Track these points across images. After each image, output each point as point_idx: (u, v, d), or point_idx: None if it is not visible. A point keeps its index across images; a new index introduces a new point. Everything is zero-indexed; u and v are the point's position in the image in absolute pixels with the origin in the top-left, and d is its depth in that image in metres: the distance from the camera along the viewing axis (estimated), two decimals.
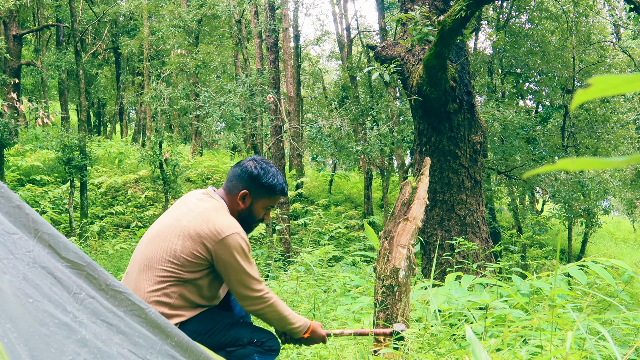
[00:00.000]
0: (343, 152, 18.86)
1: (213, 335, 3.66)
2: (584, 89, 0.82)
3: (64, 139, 18.87)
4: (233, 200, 3.65)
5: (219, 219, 3.47)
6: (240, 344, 3.70)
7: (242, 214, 3.67)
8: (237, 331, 3.72)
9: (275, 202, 3.73)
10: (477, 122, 9.33)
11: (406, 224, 4.08)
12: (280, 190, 3.69)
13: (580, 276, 4.78)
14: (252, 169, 3.64)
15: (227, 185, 3.68)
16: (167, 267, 3.48)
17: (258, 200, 3.66)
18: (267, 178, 3.64)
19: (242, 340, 3.70)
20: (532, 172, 0.91)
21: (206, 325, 3.66)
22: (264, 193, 3.65)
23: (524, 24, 18.58)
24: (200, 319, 3.64)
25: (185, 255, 3.45)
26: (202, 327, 3.63)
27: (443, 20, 7.66)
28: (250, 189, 3.63)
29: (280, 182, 3.69)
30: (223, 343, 3.68)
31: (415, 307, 4.94)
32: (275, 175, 3.67)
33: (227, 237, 3.40)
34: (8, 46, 22.31)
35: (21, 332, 1.96)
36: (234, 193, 3.64)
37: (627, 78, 0.80)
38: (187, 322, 3.58)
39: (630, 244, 28.56)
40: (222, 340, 3.68)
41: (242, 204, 3.64)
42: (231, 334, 3.70)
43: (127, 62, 32.23)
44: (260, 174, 3.63)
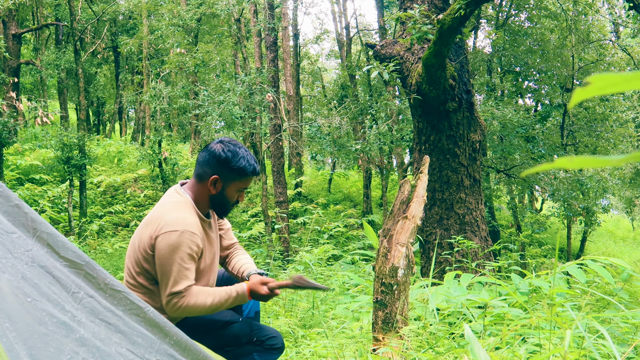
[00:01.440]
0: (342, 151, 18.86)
1: (210, 335, 3.65)
2: (583, 87, 0.81)
3: (63, 138, 18.87)
4: (204, 186, 3.58)
5: (170, 213, 3.43)
6: (238, 344, 3.68)
7: (215, 200, 3.61)
8: (235, 330, 3.69)
9: (247, 184, 3.66)
10: (476, 121, 9.33)
11: (405, 223, 4.08)
12: (252, 172, 3.59)
13: (579, 275, 4.79)
14: (220, 153, 3.54)
15: (197, 172, 3.61)
16: (138, 275, 3.49)
17: (230, 184, 3.58)
18: (237, 160, 3.54)
19: (240, 339, 3.68)
20: (531, 170, 0.91)
21: (202, 324, 3.65)
22: (235, 176, 3.56)
23: (523, 23, 18.59)
24: (197, 319, 3.64)
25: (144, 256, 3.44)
26: (197, 326, 3.63)
27: (442, 18, 7.66)
28: (220, 174, 3.54)
29: (250, 162, 3.58)
30: (220, 343, 3.66)
31: (414, 305, 4.94)
32: (244, 157, 3.56)
33: (168, 233, 3.35)
34: (7, 45, 22.29)
35: (20, 331, 1.96)
36: (205, 179, 3.57)
37: (625, 76, 0.80)
38: (183, 321, 3.59)
39: (629, 243, 28.55)
40: (219, 340, 3.67)
41: (214, 189, 3.56)
42: (229, 333, 3.68)
43: (127, 61, 32.22)
44: (229, 157, 3.53)
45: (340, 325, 5.19)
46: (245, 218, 21.48)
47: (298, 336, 5.16)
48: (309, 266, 8.43)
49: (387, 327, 3.85)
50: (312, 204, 23.77)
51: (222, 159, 3.53)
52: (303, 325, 5.89)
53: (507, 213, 25.03)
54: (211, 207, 3.66)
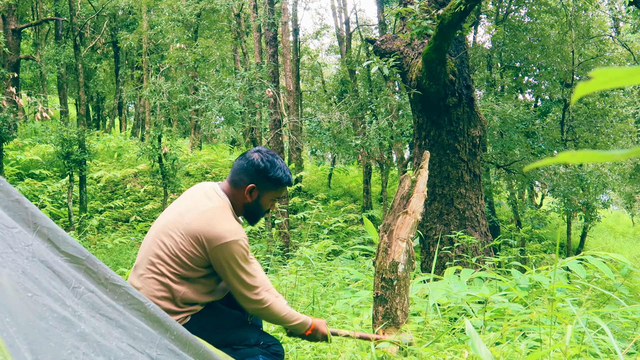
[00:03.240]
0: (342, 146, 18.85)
1: (221, 332, 3.69)
2: (585, 82, 0.81)
3: (63, 133, 18.87)
4: (239, 193, 3.62)
5: (221, 224, 3.45)
6: (247, 344, 3.72)
7: (249, 207, 3.66)
8: (246, 331, 3.75)
9: (281, 194, 3.74)
10: (476, 116, 9.33)
11: (405, 218, 4.08)
12: (287, 182, 3.67)
13: (580, 270, 4.78)
14: (259, 162, 3.60)
15: (233, 179, 3.64)
16: (171, 264, 3.48)
17: (265, 193, 3.63)
18: (275, 171, 3.60)
19: (249, 340, 3.72)
20: (532, 165, 0.91)
21: (216, 321, 3.69)
22: (271, 186, 3.63)
23: (523, 18, 18.57)
24: (210, 315, 3.68)
25: (187, 253, 3.45)
26: (211, 322, 3.67)
27: (442, 14, 7.65)
28: (257, 182, 3.59)
29: (286, 174, 3.66)
30: (230, 340, 3.71)
31: (414, 301, 4.94)
32: (281, 168, 3.64)
33: (226, 244, 3.40)
34: (7, 40, 22.28)
35: (20, 326, 1.96)
36: (241, 187, 3.61)
37: (628, 71, 0.80)
38: (197, 316, 3.61)
39: (629, 238, 28.57)
40: (229, 337, 3.71)
41: (250, 197, 3.61)
42: (239, 332, 3.74)
43: (126, 56, 32.19)
44: (268, 167, 3.59)
45: (341, 321, 5.19)
46: None
47: None
48: (309, 261, 8.43)
49: (387, 323, 3.85)
50: (312, 199, 23.78)
51: (261, 168, 3.59)
52: None
53: (507, 208, 25.05)
54: (244, 214, 3.72)
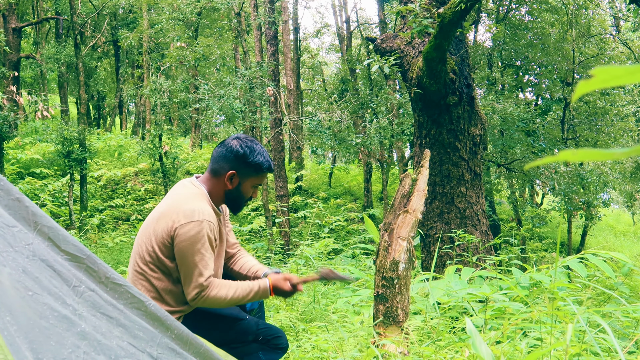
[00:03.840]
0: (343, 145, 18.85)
1: (217, 330, 3.67)
2: (586, 81, 0.81)
3: (64, 132, 18.87)
4: (220, 181, 3.62)
5: (188, 204, 3.46)
6: (244, 341, 3.69)
7: (231, 195, 3.66)
8: (242, 327, 3.71)
9: (262, 180, 3.71)
10: (476, 115, 9.33)
11: (406, 217, 4.08)
12: (267, 168, 3.65)
13: (580, 269, 4.79)
14: (237, 149, 3.59)
15: (213, 167, 3.64)
16: (151, 262, 3.50)
17: (246, 180, 3.62)
18: (254, 157, 3.59)
19: (246, 337, 3.69)
20: (533, 163, 0.91)
21: (211, 319, 3.68)
22: (251, 172, 3.61)
23: (524, 17, 18.56)
24: (204, 313, 3.66)
25: (161, 246, 3.45)
26: (206, 321, 3.66)
27: (443, 12, 7.65)
28: (237, 169, 3.59)
29: (266, 159, 3.64)
30: (227, 339, 3.67)
31: (415, 299, 4.95)
32: (261, 153, 3.62)
33: (187, 224, 3.37)
34: (7, 39, 22.27)
35: (21, 325, 1.96)
36: (221, 174, 3.61)
37: (629, 69, 0.80)
38: (190, 316, 3.61)
39: (630, 237, 28.59)
40: (226, 336, 3.68)
41: (230, 184, 3.61)
42: (236, 330, 3.70)
43: (127, 55, 32.19)
44: (247, 153, 3.58)
45: (341, 319, 5.20)
46: (246, 212, 21.49)
47: (299, 330, 5.17)
48: (310, 260, 8.44)
49: (388, 321, 3.85)
50: (313, 198, 23.78)
51: (240, 154, 3.58)
52: (304, 319, 5.89)
53: (507, 207, 25.04)
54: (226, 202, 3.72)
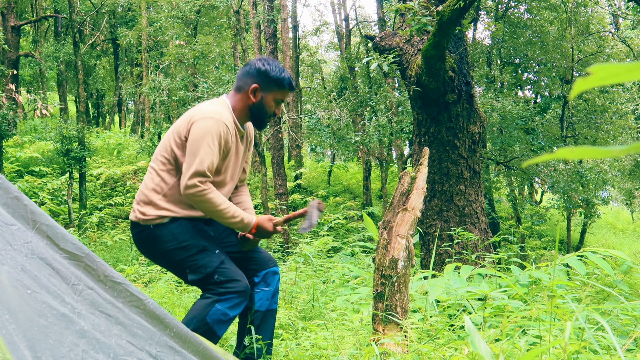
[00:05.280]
0: (342, 143, 18.86)
1: (184, 249, 3.79)
2: (584, 78, 0.81)
3: (63, 130, 18.87)
4: (244, 96, 3.89)
5: (209, 106, 3.78)
6: (201, 272, 3.78)
7: (254, 108, 3.91)
8: (205, 258, 3.79)
9: (284, 96, 3.95)
10: (475, 113, 9.32)
11: (405, 214, 4.08)
12: (289, 84, 3.90)
13: (579, 267, 4.79)
14: (259, 66, 3.86)
15: (238, 84, 3.92)
16: (164, 156, 3.80)
17: (268, 93, 3.89)
18: (275, 72, 3.86)
19: (205, 268, 3.78)
20: (531, 160, 0.91)
21: (185, 235, 3.81)
22: (273, 86, 3.88)
23: (523, 14, 18.56)
24: (183, 227, 3.81)
25: (179, 141, 3.74)
26: (180, 234, 3.80)
27: (442, 10, 7.65)
28: (259, 83, 3.86)
29: (287, 76, 3.91)
30: (187, 261, 3.80)
31: (414, 297, 4.95)
32: (282, 70, 3.90)
33: (204, 119, 3.67)
34: (6, 37, 22.25)
35: (20, 323, 1.96)
36: (245, 89, 3.87)
37: (627, 67, 0.80)
38: (173, 222, 3.80)
39: (629, 235, 28.58)
40: (189, 259, 3.79)
41: (254, 97, 3.87)
42: (199, 257, 3.79)
43: (126, 53, 32.16)
44: (268, 69, 3.85)
45: (341, 317, 5.20)
46: None
47: (298, 328, 5.17)
48: (309, 258, 8.44)
49: (387, 319, 3.86)
50: (312, 196, 23.77)
51: (262, 70, 3.86)
52: (303, 317, 5.90)
53: (506, 205, 25.05)
54: (250, 117, 3.96)
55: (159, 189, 3.78)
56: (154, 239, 3.82)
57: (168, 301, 6.73)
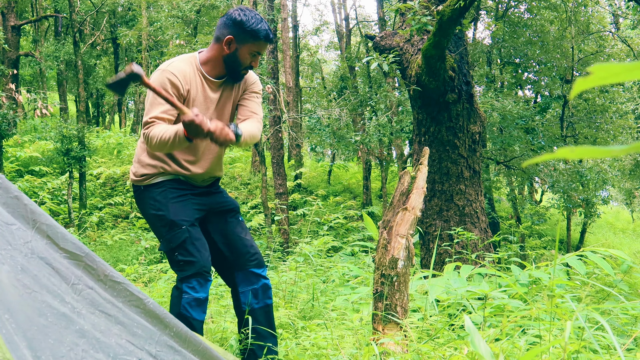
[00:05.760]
0: (342, 143, 18.87)
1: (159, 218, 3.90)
2: (584, 77, 0.81)
3: (63, 130, 18.86)
4: (219, 46, 3.87)
5: (168, 61, 3.87)
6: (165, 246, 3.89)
7: (228, 60, 3.88)
8: (171, 232, 3.86)
9: (260, 48, 3.88)
10: (476, 112, 9.32)
11: (405, 214, 4.08)
12: (265, 36, 3.82)
13: (579, 266, 4.79)
14: (235, 16, 3.80)
15: (216, 34, 3.91)
16: None
17: (242, 45, 3.83)
18: (250, 23, 3.78)
19: (169, 243, 3.86)
20: (531, 160, 0.91)
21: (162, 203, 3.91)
22: (248, 38, 3.80)
23: (523, 14, 18.55)
24: (166, 194, 3.91)
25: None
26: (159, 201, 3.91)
27: (442, 10, 7.65)
28: (234, 35, 3.80)
29: (264, 27, 3.82)
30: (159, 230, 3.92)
31: (414, 297, 4.95)
32: (259, 21, 3.81)
33: (156, 71, 3.79)
34: (6, 37, 22.24)
35: (19, 323, 1.96)
36: (221, 40, 3.84)
37: (627, 66, 0.80)
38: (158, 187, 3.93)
39: (629, 234, 28.58)
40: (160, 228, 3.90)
41: (227, 49, 3.84)
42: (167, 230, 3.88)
43: (126, 53, 32.16)
44: (244, 20, 3.78)
45: (340, 317, 5.20)
46: (245, 210, 21.48)
47: (298, 327, 5.17)
48: (309, 258, 8.44)
49: (387, 319, 3.86)
50: (312, 196, 23.77)
51: (238, 20, 3.79)
52: (303, 316, 5.89)
53: (506, 204, 25.05)
54: (225, 68, 3.94)
55: (144, 145, 3.93)
56: (142, 201, 3.99)
57: (168, 301, 6.71)
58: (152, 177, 3.92)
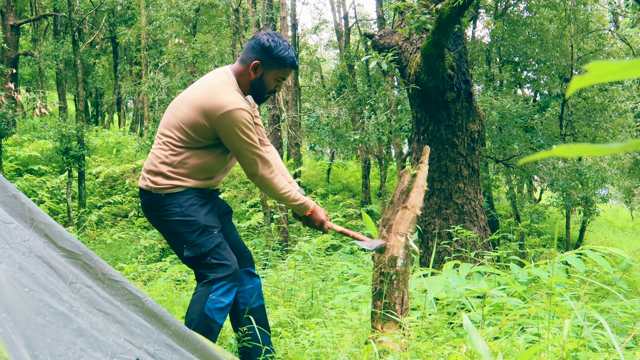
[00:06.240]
0: (341, 141, 18.86)
1: (187, 224, 3.89)
2: (581, 75, 0.81)
3: (62, 129, 18.84)
4: (246, 70, 3.89)
5: (222, 95, 3.75)
6: (196, 251, 3.88)
7: (254, 84, 3.93)
8: (203, 237, 3.88)
9: (286, 75, 3.95)
10: (475, 111, 9.32)
11: (405, 212, 4.08)
12: (291, 64, 3.90)
13: (578, 264, 4.78)
14: (264, 42, 3.85)
15: (242, 57, 3.93)
16: (175, 132, 3.85)
17: (269, 71, 3.89)
18: (278, 50, 3.85)
19: (201, 248, 3.87)
20: (528, 158, 0.91)
21: (191, 210, 3.90)
22: (275, 64, 3.88)
23: (522, 12, 18.54)
24: (192, 202, 3.92)
25: (191, 123, 3.78)
26: (187, 208, 3.90)
27: (441, 8, 7.64)
28: (262, 60, 3.87)
29: (291, 55, 3.89)
30: (186, 237, 3.89)
31: (413, 295, 4.94)
32: (286, 49, 3.87)
33: (228, 112, 3.70)
34: (5, 36, 22.23)
35: (17, 322, 1.96)
36: (247, 64, 3.88)
37: (624, 64, 0.79)
38: (183, 194, 3.90)
39: (628, 232, 28.59)
40: (188, 235, 3.89)
41: (254, 74, 3.88)
42: (199, 236, 3.88)
43: (125, 52, 32.15)
44: (272, 46, 3.84)
45: (339, 315, 5.20)
46: (244, 208, 21.47)
47: (297, 326, 5.17)
48: (308, 256, 8.44)
49: (386, 317, 3.85)
50: (311, 194, 23.77)
51: (266, 47, 3.85)
52: (302, 315, 5.89)
53: (505, 203, 25.04)
54: (250, 92, 3.98)
55: (169, 161, 3.86)
56: (162, 208, 3.95)
57: (167, 299, 6.73)
58: (178, 187, 3.91)
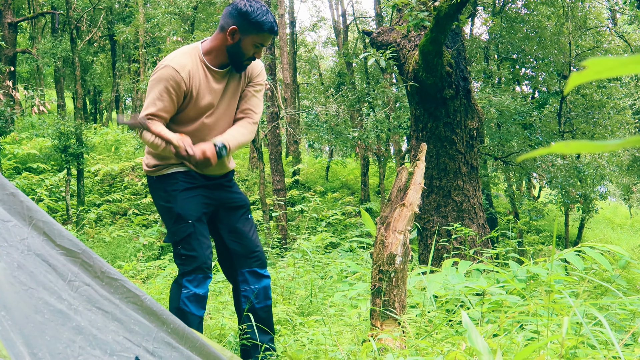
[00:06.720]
0: (339, 139, 18.86)
1: (167, 210, 3.95)
2: (579, 72, 0.81)
3: (60, 127, 18.83)
4: (223, 36, 3.83)
5: (169, 55, 3.85)
6: (170, 238, 3.96)
7: (231, 50, 3.85)
8: (176, 225, 3.90)
9: (264, 40, 3.84)
10: (473, 108, 9.32)
11: (403, 210, 4.08)
12: (269, 29, 3.79)
13: (577, 262, 4.78)
14: (241, 6, 3.74)
15: (221, 23, 3.86)
16: None
17: (246, 37, 3.79)
18: (256, 15, 3.73)
19: (174, 236, 3.93)
20: (527, 155, 0.91)
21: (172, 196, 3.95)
22: (252, 29, 3.76)
23: (520, 9, 18.54)
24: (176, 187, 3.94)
25: None
26: (169, 194, 3.95)
27: (439, 5, 7.64)
28: (239, 25, 3.76)
29: (269, 20, 3.78)
30: (166, 222, 3.98)
31: (412, 293, 4.94)
32: (264, 13, 3.76)
33: (155, 68, 3.80)
34: (3, 34, 22.23)
35: (16, 320, 1.96)
36: (225, 29, 3.81)
37: (622, 60, 0.79)
38: (169, 178, 3.96)
39: (627, 230, 28.61)
40: (167, 220, 3.97)
41: (231, 39, 3.80)
42: (173, 223, 3.93)
43: (123, 50, 32.15)
44: (249, 11, 3.73)
45: (339, 313, 5.20)
46: None
47: (296, 324, 5.17)
48: (307, 254, 8.43)
49: (385, 315, 3.86)
50: (310, 192, 23.76)
51: (243, 11, 3.74)
52: (301, 312, 5.89)
53: (504, 200, 25.05)
54: (228, 58, 3.90)
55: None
56: (154, 191, 4.03)
57: (166, 297, 6.72)
58: (165, 168, 3.93)
